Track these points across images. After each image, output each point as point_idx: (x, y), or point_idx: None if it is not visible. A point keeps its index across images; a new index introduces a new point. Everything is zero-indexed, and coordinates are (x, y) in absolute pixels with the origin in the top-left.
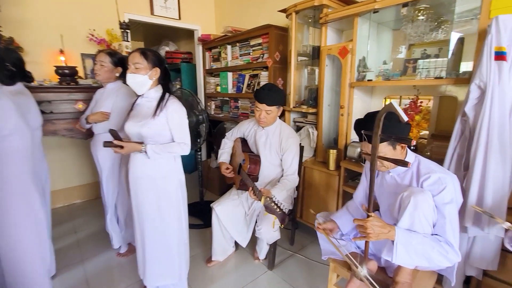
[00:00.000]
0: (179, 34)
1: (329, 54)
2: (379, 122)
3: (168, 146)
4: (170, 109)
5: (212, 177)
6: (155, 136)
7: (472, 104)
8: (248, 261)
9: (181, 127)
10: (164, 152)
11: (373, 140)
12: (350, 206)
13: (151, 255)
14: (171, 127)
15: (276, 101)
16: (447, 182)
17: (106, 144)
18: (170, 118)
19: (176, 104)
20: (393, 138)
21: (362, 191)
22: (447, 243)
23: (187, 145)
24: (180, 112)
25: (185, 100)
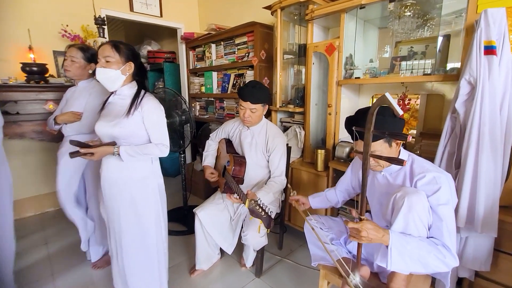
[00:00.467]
0: (162, 33)
1: (315, 52)
2: (372, 118)
3: (144, 147)
4: (146, 107)
5: (197, 180)
6: (129, 137)
7: (463, 100)
8: (234, 269)
9: (159, 127)
10: (140, 154)
11: (365, 137)
12: (328, 192)
13: (130, 266)
14: (147, 127)
15: (260, 98)
16: (442, 182)
17: (73, 155)
18: (146, 116)
19: (152, 102)
20: (387, 134)
21: (345, 183)
22: (444, 246)
23: (166, 146)
24: (157, 110)
25: (169, 100)
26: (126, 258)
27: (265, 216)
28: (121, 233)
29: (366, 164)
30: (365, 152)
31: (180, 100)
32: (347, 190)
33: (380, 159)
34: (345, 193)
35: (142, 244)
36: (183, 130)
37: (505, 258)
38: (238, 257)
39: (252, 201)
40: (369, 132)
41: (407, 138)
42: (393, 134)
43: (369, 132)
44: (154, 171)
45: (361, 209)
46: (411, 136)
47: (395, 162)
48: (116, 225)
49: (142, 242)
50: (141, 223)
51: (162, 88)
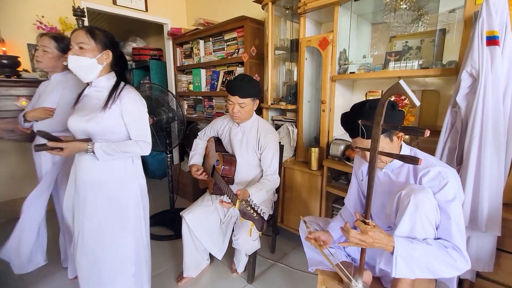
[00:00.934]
0: (148, 30)
1: (308, 46)
2: (382, 109)
3: (123, 144)
4: (125, 99)
5: (185, 182)
6: (106, 133)
7: (464, 93)
8: (225, 275)
9: (139, 122)
10: (118, 152)
11: (374, 131)
12: (344, 214)
13: (104, 278)
14: (126, 122)
15: (250, 92)
16: (449, 176)
17: (38, 148)
18: (126, 110)
19: (132, 94)
20: (399, 128)
21: (354, 193)
22: (455, 248)
23: (148, 144)
24: (138, 104)
25: (155, 98)
26: (101, 270)
27: (257, 218)
28: (95, 241)
29: (374, 162)
30: (372, 149)
31: (167, 97)
32: (360, 200)
33: (391, 157)
34: (358, 204)
35: (117, 254)
36: (170, 128)
37: (508, 257)
38: (229, 262)
39: (243, 201)
40: (378, 126)
41: (425, 133)
42: (408, 129)
43: (379, 126)
44: (135, 171)
45: (366, 211)
46: (428, 131)
47: (409, 161)
48: (88, 232)
49: (117, 252)
50: (118, 230)
51: (148, 83)
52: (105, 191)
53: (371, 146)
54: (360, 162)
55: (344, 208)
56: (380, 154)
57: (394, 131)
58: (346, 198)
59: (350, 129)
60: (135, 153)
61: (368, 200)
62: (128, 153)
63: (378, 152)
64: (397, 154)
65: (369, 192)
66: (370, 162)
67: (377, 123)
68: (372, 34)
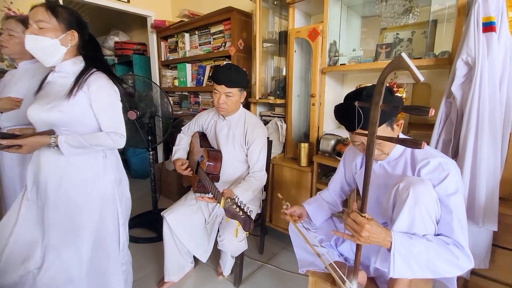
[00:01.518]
0: (132, 23)
1: (297, 38)
2: (381, 88)
3: (93, 137)
4: (93, 86)
5: (169, 181)
6: (72, 124)
7: (459, 82)
8: (210, 278)
9: (111, 111)
10: (86, 146)
11: (372, 114)
12: (323, 193)
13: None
14: (96, 112)
15: (237, 82)
16: (449, 168)
17: None
18: (95, 99)
19: (102, 80)
20: (400, 108)
21: (338, 181)
22: (456, 245)
23: (121, 136)
24: (108, 90)
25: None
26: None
27: (243, 216)
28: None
29: (372, 148)
30: (370, 133)
31: (151, 91)
32: (342, 188)
33: (390, 141)
34: (341, 192)
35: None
36: (152, 124)
37: (504, 253)
38: (215, 265)
39: (228, 199)
40: (377, 108)
41: (429, 111)
42: (411, 108)
43: (377, 107)
44: (108, 168)
45: (362, 204)
46: (433, 109)
47: (410, 145)
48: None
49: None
50: (89, 236)
51: (131, 75)
52: (74, 191)
53: (369, 130)
54: (354, 153)
55: (324, 190)
56: (379, 138)
57: (395, 118)
58: (330, 183)
59: (346, 120)
60: (107, 147)
61: (364, 191)
62: (98, 146)
63: (376, 137)
64: (397, 138)
65: (366, 183)
66: (367, 149)
67: (376, 103)
68: (362, 28)
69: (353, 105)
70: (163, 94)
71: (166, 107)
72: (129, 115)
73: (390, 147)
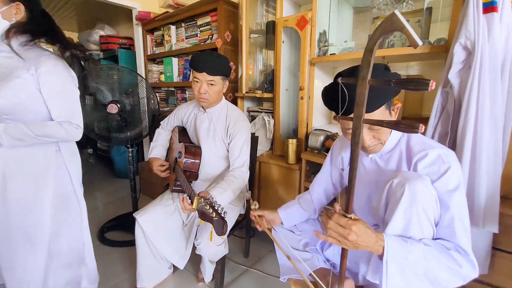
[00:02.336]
0: (118, 17)
1: (285, 27)
2: (369, 58)
3: (40, 127)
4: (43, 68)
5: (154, 181)
6: (16, 111)
7: (457, 69)
8: (189, 285)
9: (65, 98)
10: (31, 137)
11: (358, 91)
12: (302, 199)
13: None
14: (46, 97)
15: (220, 69)
16: (450, 160)
17: None
18: (44, 82)
19: (53, 61)
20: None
21: (323, 180)
22: (458, 250)
23: (76, 126)
24: (61, 74)
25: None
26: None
27: (216, 218)
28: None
29: (358, 136)
30: (356, 116)
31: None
32: (325, 190)
33: (380, 125)
34: (322, 195)
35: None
36: (130, 118)
37: (504, 257)
38: (195, 270)
39: (201, 199)
40: (364, 83)
41: (429, 84)
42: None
43: (365, 82)
44: (61, 163)
45: (348, 202)
46: (434, 82)
47: (404, 128)
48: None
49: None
50: (39, 241)
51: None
52: (19, 190)
53: (355, 113)
54: (342, 147)
55: (305, 193)
56: (366, 123)
57: (392, 101)
58: (312, 184)
59: (335, 103)
60: (59, 138)
61: (350, 186)
62: (48, 137)
63: (364, 121)
64: (389, 121)
65: (351, 177)
66: (352, 135)
67: (363, 78)
68: (354, 19)
69: (343, 90)
70: (148, 87)
71: (152, 101)
72: (109, 109)
73: (387, 134)
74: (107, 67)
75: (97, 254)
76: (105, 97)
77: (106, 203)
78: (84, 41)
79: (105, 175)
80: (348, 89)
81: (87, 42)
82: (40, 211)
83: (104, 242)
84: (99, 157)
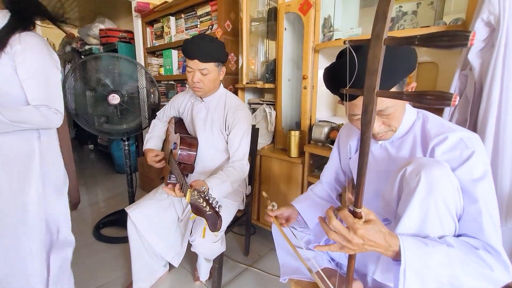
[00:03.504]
0: (119, 11)
1: (288, 13)
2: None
3: (15, 111)
4: (19, 46)
5: (153, 177)
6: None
7: (478, 48)
8: (186, 284)
9: (43, 80)
10: (5, 123)
11: (372, 53)
12: (316, 188)
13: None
14: (22, 78)
15: (213, 55)
16: (474, 144)
17: None
18: (20, 62)
19: (33, 39)
20: (417, 37)
21: (332, 169)
22: (488, 249)
23: (55, 111)
24: (41, 53)
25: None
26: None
27: (210, 213)
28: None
29: (370, 113)
30: (368, 88)
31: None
32: (336, 178)
33: (400, 98)
34: (335, 183)
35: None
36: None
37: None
38: (192, 268)
39: (195, 191)
40: (379, 44)
41: (469, 38)
42: (440, 36)
43: (380, 43)
44: (43, 152)
45: (357, 194)
46: (475, 33)
47: (432, 100)
48: None
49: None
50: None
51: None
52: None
53: (366, 84)
54: (348, 134)
55: (316, 184)
56: (380, 96)
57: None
58: (322, 173)
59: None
60: (35, 125)
61: (360, 176)
62: (23, 123)
63: (377, 93)
64: (410, 93)
65: (362, 163)
66: (364, 113)
67: (377, 36)
68: (361, 3)
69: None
70: (148, 76)
71: (152, 95)
72: (111, 99)
73: (399, 120)
74: (107, 56)
75: (92, 251)
76: (105, 88)
77: (104, 198)
78: (84, 35)
79: (105, 171)
80: (357, 56)
81: (87, 36)
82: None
83: (99, 239)
84: (99, 153)
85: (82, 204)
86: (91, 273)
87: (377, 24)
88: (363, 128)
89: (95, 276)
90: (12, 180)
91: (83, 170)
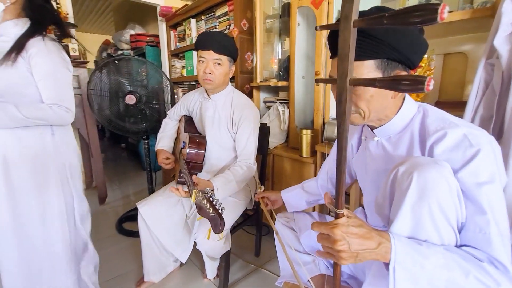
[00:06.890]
0: (147, 16)
1: (300, 7)
2: None
3: (31, 109)
4: (33, 50)
5: (170, 172)
6: (7, 94)
7: (506, 33)
8: (194, 281)
9: (55, 80)
10: (21, 119)
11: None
12: (307, 184)
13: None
14: (37, 79)
15: (227, 47)
16: (480, 142)
17: None
18: (34, 64)
19: (46, 44)
20: (386, 15)
21: (328, 166)
22: (494, 263)
23: (66, 109)
24: (52, 56)
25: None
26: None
27: (213, 215)
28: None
29: (344, 103)
30: (341, 75)
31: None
32: (331, 179)
33: (372, 85)
34: (329, 183)
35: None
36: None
37: None
38: (202, 265)
39: (200, 192)
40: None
41: (439, 12)
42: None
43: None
44: (57, 148)
45: (337, 194)
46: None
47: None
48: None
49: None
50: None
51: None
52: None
53: (338, 71)
54: (352, 132)
55: (311, 179)
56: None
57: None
58: (320, 170)
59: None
60: (49, 122)
61: (339, 174)
62: (38, 120)
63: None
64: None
65: (340, 159)
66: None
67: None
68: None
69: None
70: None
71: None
72: (128, 100)
73: (371, 106)
74: (130, 60)
75: (113, 243)
76: (124, 89)
77: (131, 194)
78: (117, 41)
79: (134, 168)
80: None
81: (120, 42)
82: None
83: (120, 232)
84: (130, 151)
85: (110, 198)
86: (109, 264)
87: (345, 5)
88: (338, 120)
89: (113, 267)
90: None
91: (115, 167)
